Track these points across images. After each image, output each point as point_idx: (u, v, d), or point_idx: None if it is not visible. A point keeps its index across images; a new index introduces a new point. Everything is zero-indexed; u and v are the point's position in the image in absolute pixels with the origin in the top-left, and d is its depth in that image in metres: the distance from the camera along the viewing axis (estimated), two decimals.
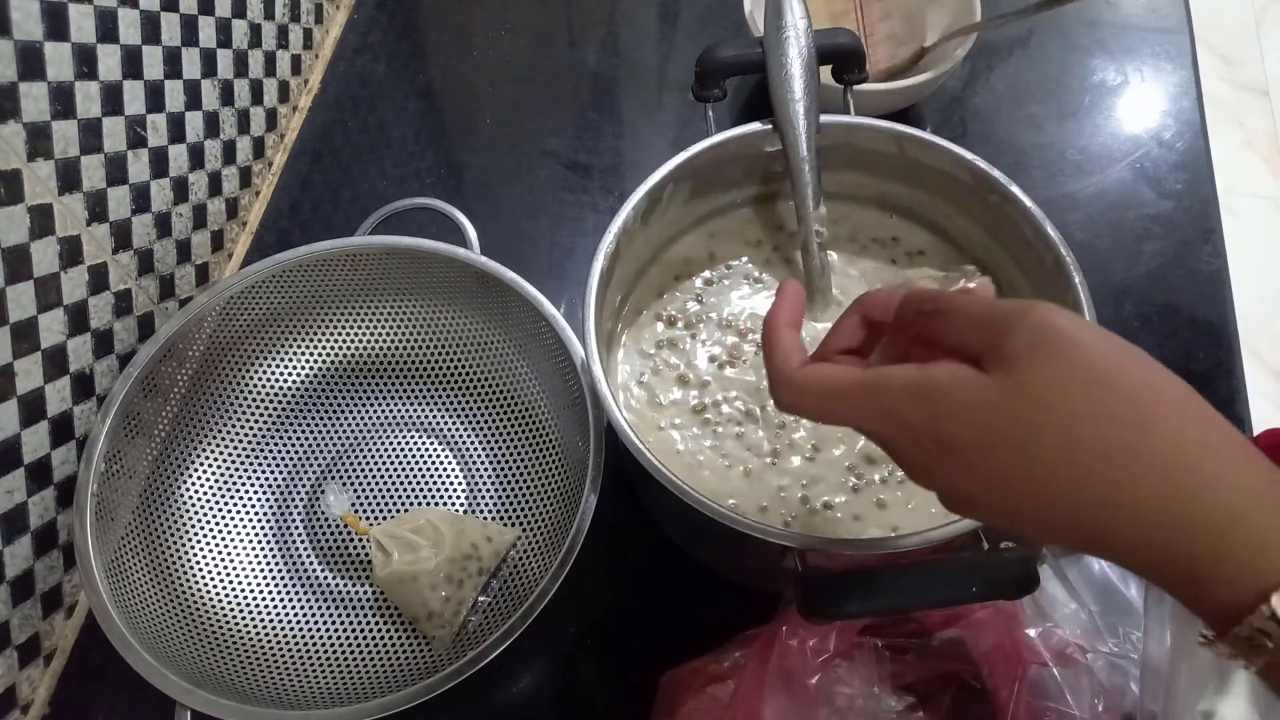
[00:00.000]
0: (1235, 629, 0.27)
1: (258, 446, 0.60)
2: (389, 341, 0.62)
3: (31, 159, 0.49)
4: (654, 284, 0.57)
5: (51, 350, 0.52)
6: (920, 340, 0.33)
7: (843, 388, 0.33)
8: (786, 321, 0.37)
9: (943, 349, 0.32)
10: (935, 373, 0.31)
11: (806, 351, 0.36)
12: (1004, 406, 0.29)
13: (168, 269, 0.62)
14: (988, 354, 0.30)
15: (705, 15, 0.81)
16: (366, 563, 0.55)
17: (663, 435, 0.52)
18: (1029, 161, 0.70)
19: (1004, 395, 0.29)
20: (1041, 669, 0.43)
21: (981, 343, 0.30)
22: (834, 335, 0.37)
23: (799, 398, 0.35)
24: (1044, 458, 0.29)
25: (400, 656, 0.53)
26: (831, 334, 0.37)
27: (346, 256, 0.59)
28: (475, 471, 0.59)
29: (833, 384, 0.33)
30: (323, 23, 0.79)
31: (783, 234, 0.58)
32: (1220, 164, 0.70)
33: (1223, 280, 0.65)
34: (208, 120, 0.64)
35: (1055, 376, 0.28)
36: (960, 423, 0.30)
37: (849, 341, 0.37)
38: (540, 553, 0.54)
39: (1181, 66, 0.75)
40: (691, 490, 0.43)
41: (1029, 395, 0.29)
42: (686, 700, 0.46)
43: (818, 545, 0.43)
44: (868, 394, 0.32)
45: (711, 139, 0.53)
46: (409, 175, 0.73)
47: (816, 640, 0.43)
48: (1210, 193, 0.69)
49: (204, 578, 0.55)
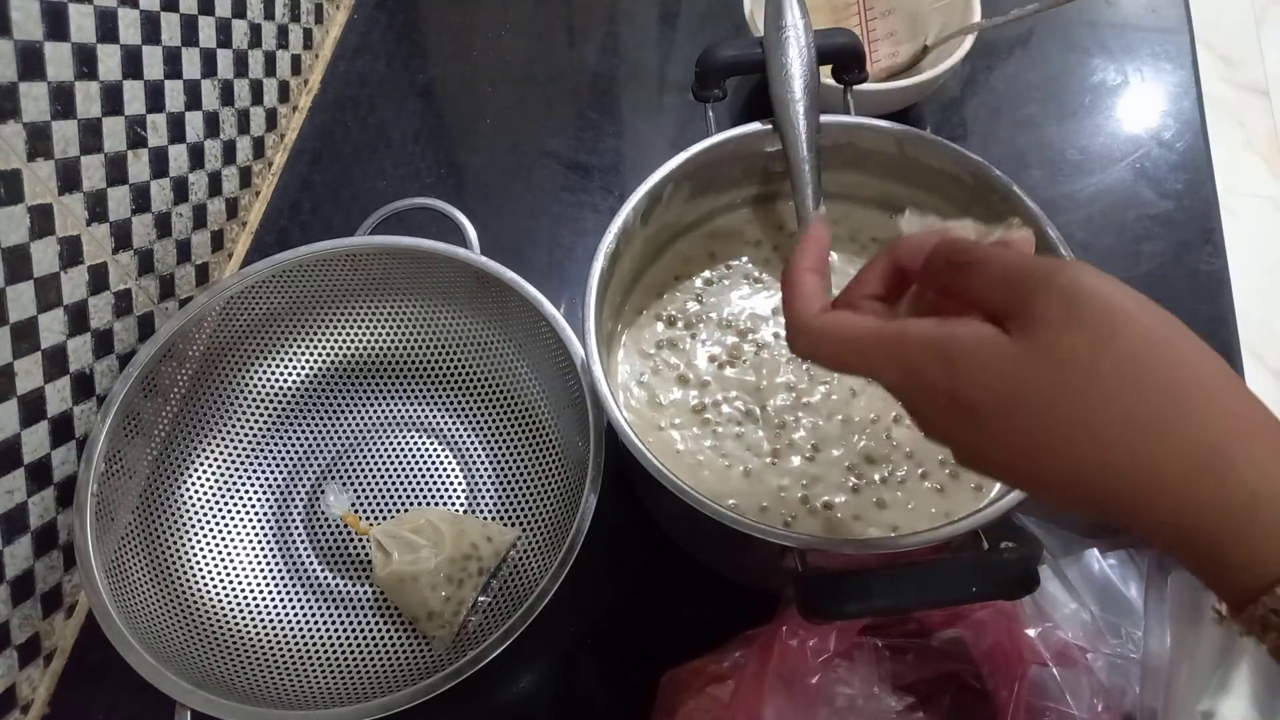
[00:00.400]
0: (1250, 607, 0.26)
1: (258, 446, 0.60)
2: (389, 341, 0.62)
3: (31, 159, 0.49)
4: (654, 284, 0.57)
5: (51, 350, 0.52)
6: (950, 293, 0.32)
7: (861, 338, 0.32)
8: (810, 266, 0.35)
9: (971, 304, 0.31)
10: (957, 331, 0.30)
11: (828, 298, 0.35)
12: (1026, 372, 0.28)
13: (168, 269, 0.62)
14: (1015, 314, 0.29)
15: (705, 15, 0.81)
16: (366, 563, 0.55)
17: (663, 435, 0.52)
18: (1029, 161, 0.70)
19: (1027, 360, 0.28)
20: (1041, 669, 0.43)
21: (1009, 302, 0.29)
22: (861, 280, 0.36)
23: (816, 345, 0.34)
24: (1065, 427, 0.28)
25: (400, 656, 0.53)
26: (858, 278, 0.36)
27: (346, 256, 0.59)
28: (475, 471, 0.59)
29: (851, 333, 0.32)
30: (323, 23, 0.79)
31: (783, 234, 0.58)
32: (1220, 164, 0.70)
33: (1223, 280, 0.65)
34: (208, 120, 0.64)
35: (1083, 344, 0.28)
36: (979, 386, 0.29)
37: (876, 288, 0.35)
38: (540, 553, 0.54)
39: (1181, 66, 0.75)
40: (691, 490, 0.43)
41: (1054, 362, 0.28)
42: (686, 700, 0.46)
43: (818, 545, 0.43)
44: (886, 347, 0.31)
45: (711, 139, 0.53)
46: (409, 175, 0.73)
47: (816, 640, 0.43)
48: (1210, 193, 0.69)
49: (204, 578, 0.55)
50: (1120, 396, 0.27)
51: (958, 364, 0.29)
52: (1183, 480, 0.27)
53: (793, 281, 0.35)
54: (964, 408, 0.30)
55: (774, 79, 0.53)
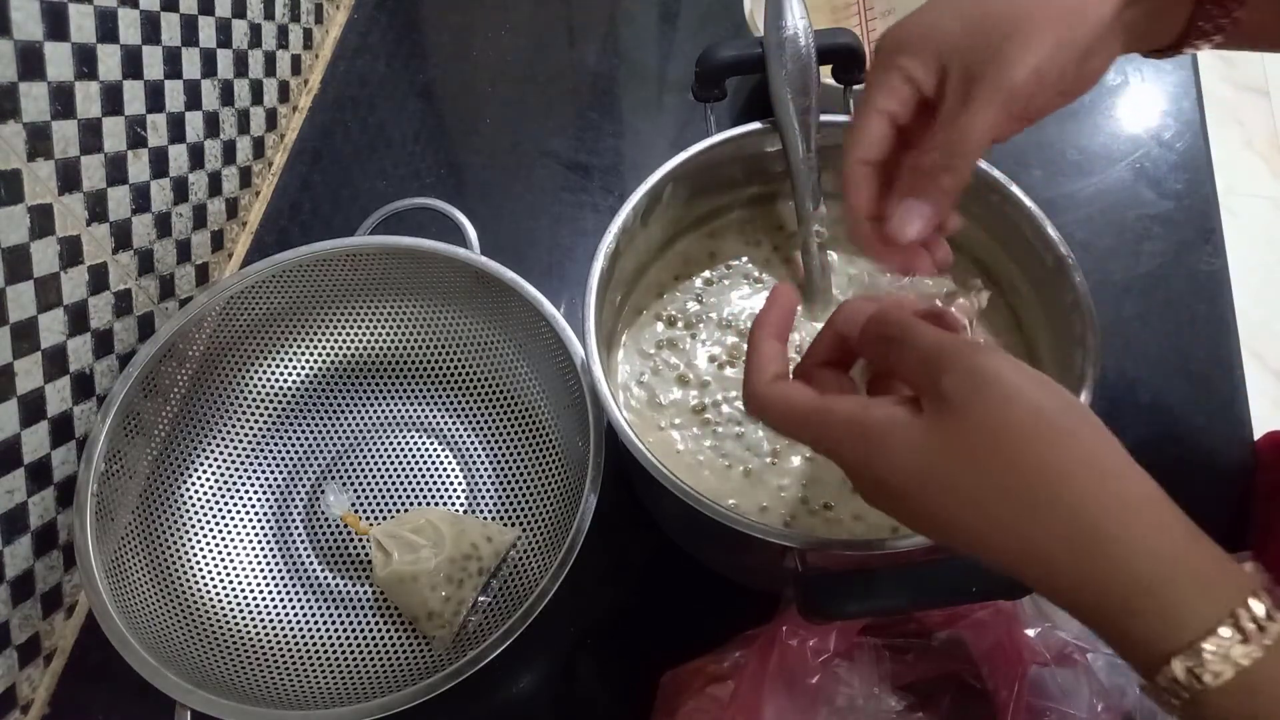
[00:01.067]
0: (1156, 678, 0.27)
1: (258, 446, 0.60)
2: (389, 341, 0.62)
3: (31, 159, 0.49)
4: (654, 284, 0.57)
5: (51, 350, 0.52)
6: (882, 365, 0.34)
7: (798, 412, 0.34)
8: (770, 333, 0.37)
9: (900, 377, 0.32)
10: (873, 412, 0.31)
11: (784, 362, 0.36)
12: (932, 453, 0.30)
13: (168, 269, 0.62)
14: (927, 393, 0.30)
15: (705, 15, 0.81)
16: (366, 563, 0.55)
17: (663, 435, 0.52)
18: (1029, 161, 0.70)
19: (932, 439, 0.30)
20: (1041, 669, 0.43)
21: (923, 381, 0.31)
22: (814, 347, 0.37)
23: (762, 413, 0.35)
24: (964, 508, 0.29)
25: (400, 656, 0.53)
26: (812, 346, 0.37)
27: (346, 256, 0.59)
28: (475, 471, 0.59)
29: (787, 407, 0.34)
30: (323, 23, 0.79)
31: (783, 234, 0.58)
32: (1220, 164, 0.70)
33: (1223, 280, 0.65)
34: (208, 120, 0.64)
35: (981, 424, 0.29)
36: (889, 466, 0.31)
37: (827, 355, 0.37)
38: (540, 553, 0.54)
39: (1181, 66, 0.75)
40: (691, 490, 0.43)
41: (956, 442, 0.29)
42: (686, 700, 0.46)
43: (818, 545, 0.43)
44: (817, 423, 0.33)
45: (711, 139, 0.53)
46: (409, 175, 0.73)
47: (816, 640, 0.43)
48: (1210, 193, 0.69)
49: (204, 578, 0.55)
50: (1006, 476, 0.29)
51: (872, 442, 0.31)
52: (1068, 560, 0.28)
53: (751, 346, 0.37)
54: (880, 483, 0.31)
55: (774, 79, 0.53)
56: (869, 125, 0.39)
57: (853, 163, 0.39)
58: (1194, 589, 0.27)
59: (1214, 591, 0.27)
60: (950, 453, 0.29)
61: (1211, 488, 0.57)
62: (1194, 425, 0.60)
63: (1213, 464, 0.58)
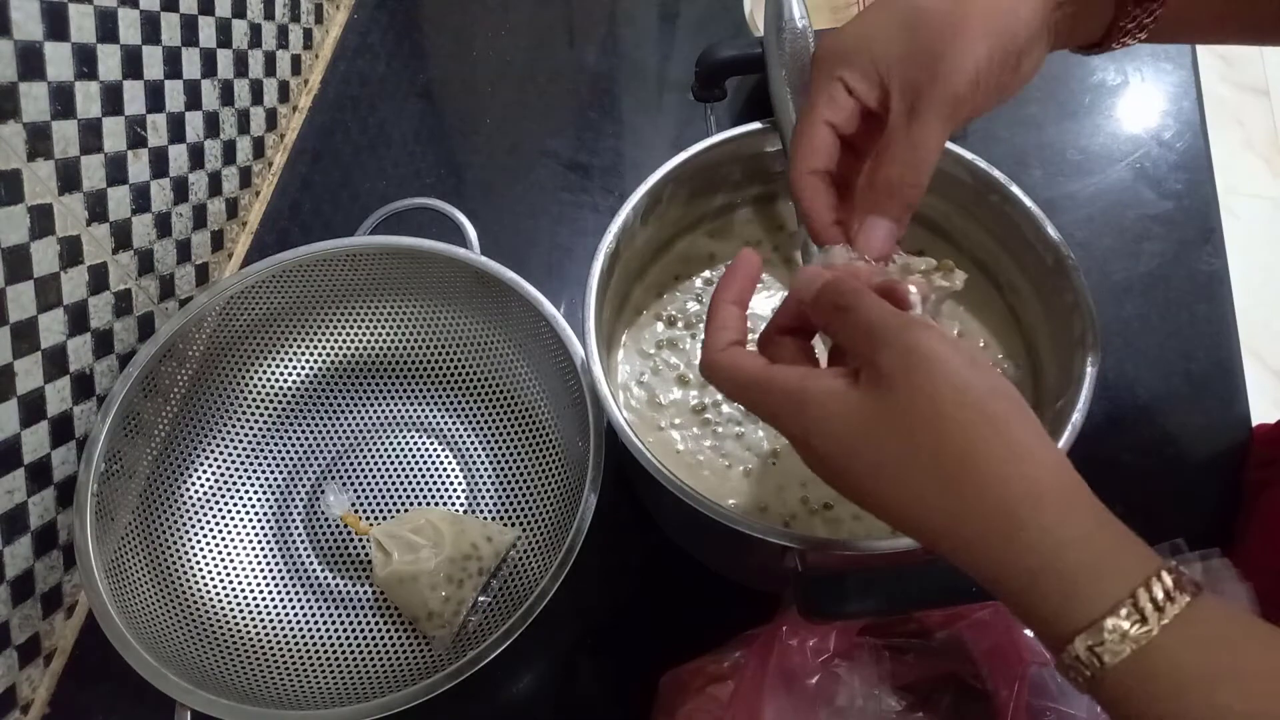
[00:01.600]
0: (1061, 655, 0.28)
1: (258, 446, 0.60)
2: (389, 341, 0.62)
3: (31, 159, 0.49)
4: (654, 284, 0.57)
5: (51, 350, 0.52)
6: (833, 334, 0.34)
7: (744, 379, 0.34)
8: (729, 298, 0.37)
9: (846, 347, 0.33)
10: (810, 383, 0.32)
11: (742, 328, 0.37)
12: (864, 425, 0.30)
13: (168, 269, 0.62)
14: (865, 365, 0.31)
15: (705, 15, 0.81)
16: (366, 563, 0.55)
17: (663, 435, 0.52)
18: (1029, 161, 0.70)
19: (864, 412, 0.30)
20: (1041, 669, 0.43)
21: (863, 353, 0.31)
22: (777, 315, 0.38)
23: (713, 378, 0.36)
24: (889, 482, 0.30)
25: (400, 656, 0.53)
26: (776, 313, 0.38)
27: (346, 256, 0.59)
28: (475, 471, 0.59)
29: (736, 373, 0.35)
30: (323, 23, 0.79)
31: (783, 234, 0.58)
32: (1220, 164, 0.70)
33: (1223, 280, 0.65)
34: (208, 120, 0.64)
35: (909, 401, 0.30)
36: (824, 437, 0.31)
37: (789, 322, 0.37)
38: (540, 553, 0.54)
39: (1181, 66, 0.75)
40: (691, 490, 0.43)
41: (885, 416, 0.30)
42: (686, 700, 0.46)
43: (818, 545, 0.43)
44: (759, 392, 0.34)
45: (711, 139, 0.53)
46: (409, 175, 0.73)
47: (816, 640, 0.43)
48: (1210, 193, 0.69)
49: (204, 578, 0.55)
50: (929, 454, 0.29)
51: (808, 413, 0.32)
52: (980, 538, 0.29)
53: (710, 312, 0.37)
54: (814, 452, 0.32)
55: (774, 79, 0.53)
56: (814, 136, 0.40)
57: (802, 174, 0.41)
58: (1098, 570, 0.28)
59: (1118, 573, 0.28)
60: (879, 426, 0.30)
61: (1211, 487, 0.57)
62: (1194, 425, 0.60)
63: (1212, 464, 0.58)
